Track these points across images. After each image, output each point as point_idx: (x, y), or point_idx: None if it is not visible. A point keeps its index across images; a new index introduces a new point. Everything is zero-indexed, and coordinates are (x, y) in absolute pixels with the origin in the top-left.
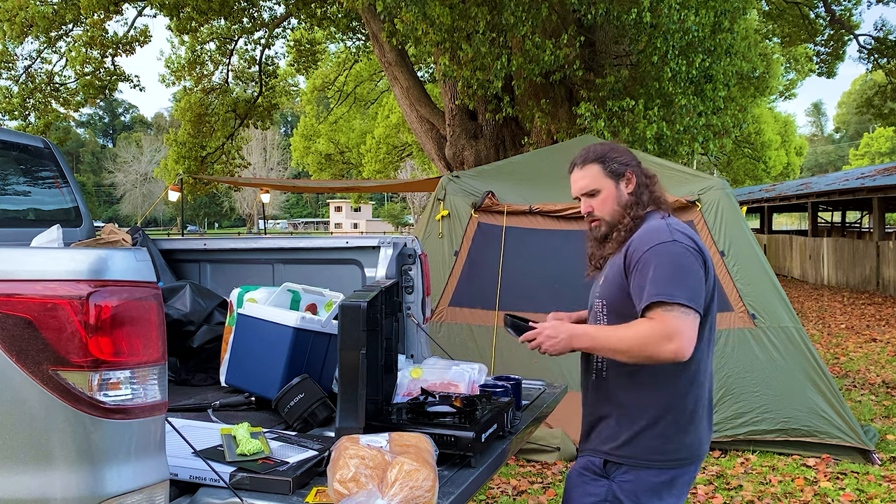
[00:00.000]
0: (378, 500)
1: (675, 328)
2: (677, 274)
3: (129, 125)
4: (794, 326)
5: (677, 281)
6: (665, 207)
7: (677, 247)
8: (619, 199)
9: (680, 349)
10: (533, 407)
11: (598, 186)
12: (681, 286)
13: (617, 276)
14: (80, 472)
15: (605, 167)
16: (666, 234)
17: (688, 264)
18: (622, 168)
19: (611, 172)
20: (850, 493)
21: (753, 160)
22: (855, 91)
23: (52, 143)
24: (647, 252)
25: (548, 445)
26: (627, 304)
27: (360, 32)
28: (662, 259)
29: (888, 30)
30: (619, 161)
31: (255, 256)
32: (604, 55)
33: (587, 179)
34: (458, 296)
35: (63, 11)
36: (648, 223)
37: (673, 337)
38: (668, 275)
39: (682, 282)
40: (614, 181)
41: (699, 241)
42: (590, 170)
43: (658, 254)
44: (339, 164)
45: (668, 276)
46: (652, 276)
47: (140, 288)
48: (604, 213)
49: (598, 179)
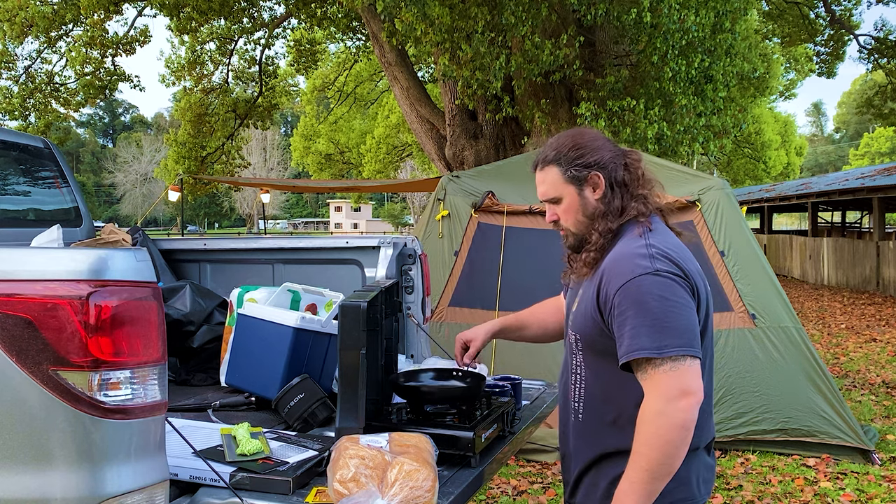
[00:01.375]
0: (378, 501)
1: (675, 388)
2: (663, 318)
3: (129, 125)
4: (794, 326)
5: (664, 328)
6: (647, 210)
7: (656, 281)
8: (583, 207)
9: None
10: (533, 407)
11: (557, 193)
12: (670, 333)
13: (590, 310)
14: (80, 472)
15: (565, 172)
16: (641, 265)
17: (672, 301)
18: (584, 171)
19: (571, 177)
20: (850, 493)
21: (753, 160)
22: (855, 91)
23: (52, 143)
24: (620, 290)
25: (548, 445)
26: (603, 340)
27: (360, 32)
28: (643, 300)
29: (888, 30)
30: (580, 162)
31: (255, 256)
32: (604, 55)
33: (546, 185)
34: (458, 296)
35: (63, 11)
36: (624, 241)
37: (679, 397)
38: (652, 322)
39: (670, 327)
40: (576, 187)
41: (685, 260)
42: (548, 173)
43: (636, 294)
44: (339, 164)
45: (651, 325)
46: (633, 327)
47: (140, 288)
48: (568, 224)
49: (558, 185)
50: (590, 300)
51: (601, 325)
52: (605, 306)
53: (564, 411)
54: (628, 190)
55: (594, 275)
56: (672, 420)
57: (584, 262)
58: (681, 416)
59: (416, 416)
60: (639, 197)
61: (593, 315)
